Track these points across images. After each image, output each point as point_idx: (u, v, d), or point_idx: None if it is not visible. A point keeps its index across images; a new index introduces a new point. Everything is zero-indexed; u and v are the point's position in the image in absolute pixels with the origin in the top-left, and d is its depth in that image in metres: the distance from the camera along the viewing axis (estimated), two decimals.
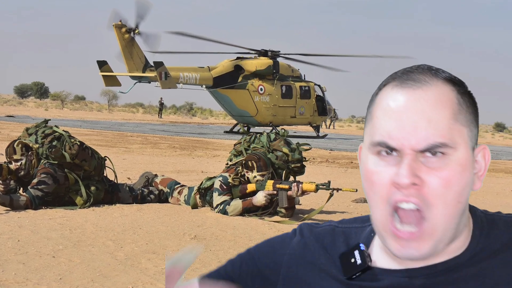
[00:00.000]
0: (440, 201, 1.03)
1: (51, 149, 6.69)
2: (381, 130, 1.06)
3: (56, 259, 4.49)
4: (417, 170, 1.03)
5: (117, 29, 26.16)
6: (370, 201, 1.09)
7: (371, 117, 1.10)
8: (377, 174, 1.06)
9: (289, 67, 29.40)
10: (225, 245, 5.26)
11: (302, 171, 7.16)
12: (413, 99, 1.05)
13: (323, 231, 1.26)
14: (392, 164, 1.06)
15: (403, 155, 1.04)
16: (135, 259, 4.64)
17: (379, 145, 1.06)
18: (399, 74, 1.11)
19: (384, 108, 1.07)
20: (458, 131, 1.05)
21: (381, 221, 1.08)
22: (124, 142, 17.87)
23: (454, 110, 1.05)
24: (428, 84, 1.06)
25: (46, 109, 54.32)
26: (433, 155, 1.04)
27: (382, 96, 1.09)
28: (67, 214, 6.29)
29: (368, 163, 1.09)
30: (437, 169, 1.03)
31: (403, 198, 1.04)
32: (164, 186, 7.48)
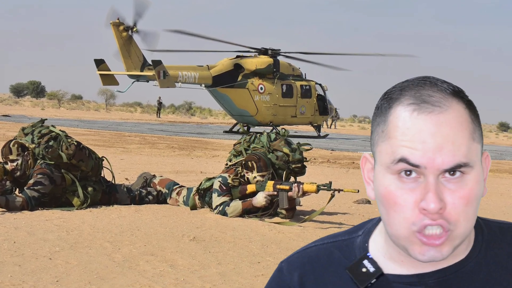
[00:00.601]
0: (461, 218, 1.10)
1: (48, 149, 6.69)
2: (403, 149, 1.10)
3: (53, 261, 4.49)
4: (440, 193, 1.09)
5: (115, 27, 26.16)
6: (390, 219, 1.13)
7: (388, 137, 1.12)
8: (401, 197, 1.10)
9: (289, 65, 29.40)
10: (224, 246, 5.26)
11: (303, 172, 7.16)
12: (436, 123, 1.09)
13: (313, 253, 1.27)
14: (413, 186, 1.10)
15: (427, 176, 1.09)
16: (133, 261, 4.64)
17: (401, 162, 1.10)
18: (408, 90, 1.13)
19: (403, 131, 1.10)
20: (474, 150, 1.12)
21: (404, 236, 1.12)
22: (122, 142, 17.87)
23: (470, 130, 1.11)
24: (445, 107, 1.10)
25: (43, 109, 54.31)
26: (453, 175, 1.10)
27: (397, 117, 1.12)
28: (64, 215, 6.29)
29: (389, 184, 1.12)
30: (457, 189, 1.09)
31: (430, 222, 1.09)
32: (162, 187, 7.48)
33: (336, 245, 1.26)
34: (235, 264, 4.75)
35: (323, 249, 1.27)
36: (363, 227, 1.28)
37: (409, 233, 1.11)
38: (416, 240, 1.10)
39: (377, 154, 1.15)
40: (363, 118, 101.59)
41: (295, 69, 29.68)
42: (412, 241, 1.11)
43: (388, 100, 1.14)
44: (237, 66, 27.86)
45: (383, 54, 33.81)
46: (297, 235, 5.88)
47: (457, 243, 1.12)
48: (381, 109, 1.15)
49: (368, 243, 1.23)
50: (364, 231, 1.26)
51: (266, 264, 4.80)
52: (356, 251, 1.23)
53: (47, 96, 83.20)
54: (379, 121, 1.15)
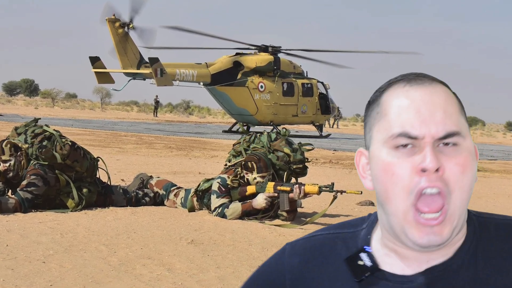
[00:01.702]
0: (458, 186, 1.16)
1: (41, 149, 6.69)
2: (401, 122, 1.17)
3: (47, 265, 4.49)
4: (438, 157, 1.15)
5: (111, 23, 26.16)
6: (388, 193, 1.18)
7: (383, 115, 1.20)
8: (398, 165, 1.16)
9: (290, 63, 29.41)
10: (223, 250, 5.26)
11: (305, 173, 7.16)
12: (427, 93, 1.19)
13: (317, 242, 1.32)
14: (410, 155, 1.16)
15: (423, 144, 1.16)
16: (129, 264, 4.64)
17: (400, 136, 1.17)
18: (400, 78, 1.23)
19: (398, 104, 1.19)
20: (463, 124, 1.20)
21: (402, 210, 1.16)
22: (117, 142, 17.87)
23: (458, 106, 1.21)
24: (434, 83, 1.21)
25: (36, 108, 54.33)
26: (447, 146, 1.17)
27: (392, 95, 1.21)
28: (58, 217, 6.29)
29: (385, 156, 1.18)
30: (453, 156, 1.16)
31: (428, 184, 1.15)
32: (159, 188, 7.48)
33: (341, 236, 1.31)
34: (234, 267, 4.75)
35: (327, 239, 1.32)
36: (367, 219, 1.32)
37: (407, 207, 1.15)
38: (413, 221, 1.15)
39: (373, 137, 1.22)
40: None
41: (296, 67, 29.69)
42: (410, 222, 1.15)
43: (378, 90, 1.24)
44: (237, 64, 27.87)
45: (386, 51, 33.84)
46: None
47: (455, 224, 1.16)
48: (373, 99, 1.25)
49: (371, 234, 1.28)
50: (368, 223, 1.31)
51: None
52: (359, 243, 1.28)
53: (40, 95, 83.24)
54: (373, 107, 1.24)
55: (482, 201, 9.14)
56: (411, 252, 1.20)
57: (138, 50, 26.61)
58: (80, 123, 29.09)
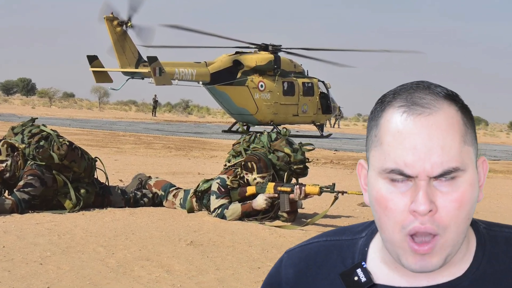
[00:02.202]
0: (453, 222, 1.13)
1: (38, 150, 6.69)
2: (395, 158, 1.14)
3: (44, 267, 4.49)
4: (431, 196, 1.12)
5: (109, 22, 26.16)
6: (382, 224, 1.17)
7: (379, 143, 1.17)
8: (392, 201, 1.15)
9: (291, 62, 29.41)
10: (223, 251, 5.26)
11: (305, 173, 7.16)
12: (425, 125, 1.13)
13: (312, 251, 1.33)
14: (404, 190, 1.14)
15: (418, 181, 1.13)
16: (127, 266, 4.64)
17: (393, 172, 1.14)
18: (401, 94, 1.18)
19: (393, 134, 1.15)
20: (466, 153, 1.15)
21: (396, 241, 1.16)
22: (116, 142, 17.88)
23: (461, 132, 1.15)
24: (436, 108, 1.14)
25: (33, 107, 54.32)
26: (445, 179, 1.13)
27: (389, 120, 1.16)
28: (55, 218, 6.29)
29: (380, 188, 1.17)
30: (449, 192, 1.13)
31: (419, 227, 1.13)
32: (158, 189, 7.48)
33: (338, 244, 1.31)
34: (234, 269, 4.75)
35: (323, 248, 1.32)
36: (368, 228, 1.31)
37: (401, 238, 1.15)
38: (407, 248, 1.14)
39: (370, 159, 1.20)
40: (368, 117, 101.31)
41: (297, 66, 29.69)
42: (405, 248, 1.15)
43: (381, 104, 1.19)
44: (236, 63, 27.87)
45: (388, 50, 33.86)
46: (299, 240, 5.88)
47: (449, 252, 1.15)
48: (374, 113, 1.20)
49: (369, 246, 1.28)
50: (367, 232, 1.30)
51: (266, 269, 4.80)
52: (355, 254, 1.28)
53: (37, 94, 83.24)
54: (372, 125, 1.20)
55: (485, 202, 9.14)
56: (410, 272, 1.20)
57: (136, 49, 26.60)
58: (78, 123, 29.10)
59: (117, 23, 26.23)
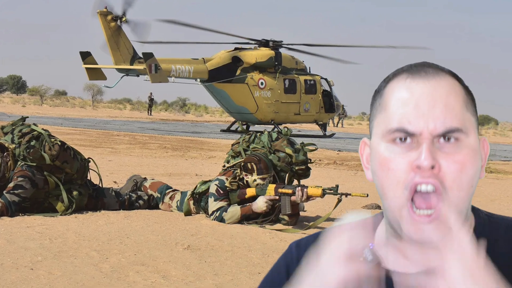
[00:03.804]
0: (455, 184, 1.18)
1: (29, 150, 6.69)
2: (399, 117, 1.20)
3: (35, 272, 4.49)
4: (434, 154, 1.17)
5: (102, 16, 26.17)
6: (384, 189, 1.22)
7: (383, 108, 1.24)
8: (394, 161, 1.20)
9: (292, 58, 29.42)
10: (222, 256, 5.26)
11: (307, 174, 7.17)
12: (429, 86, 1.20)
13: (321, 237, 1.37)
14: (407, 150, 1.19)
15: (421, 140, 1.18)
16: (122, 271, 4.64)
17: (397, 131, 1.20)
18: (405, 69, 1.26)
19: (398, 97, 1.21)
20: (468, 119, 1.21)
21: (397, 206, 1.20)
22: (110, 142, 17.88)
23: (463, 98, 1.22)
24: (439, 75, 1.22)
25: (24, 105, 54.34)
26: (447, 141, 1.19)
27: (394, 87, 1.24)
28: (46, 221, 6.29)
29: (383, 150, 1.22)
30: (452, 153, 1.18)
31: (422, 180, 1.17)
32: (154, 191, 7.49)
33: None
34: (233, 275, 4.75)
35: None
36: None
37: (403, 202, 1.19)
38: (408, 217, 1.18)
39: (373, 128, 1.26)
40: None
41: (299, 63, 29.70)
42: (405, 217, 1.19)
43: (385, 80, 1.27)
44: (236, 59, 27.87)
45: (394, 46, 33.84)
46: None
47: None
48: (378, 89, 1.28)
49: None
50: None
51: None
52: None
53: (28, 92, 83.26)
54: (376, 97, 1.27)
55: (495, 204, 9.14)
56: (412, 251, 1.23)
57: (131, 44, 26.61)
58: (70, 122, 29.10)
59: (111, 18, 26.24)
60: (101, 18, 26.17)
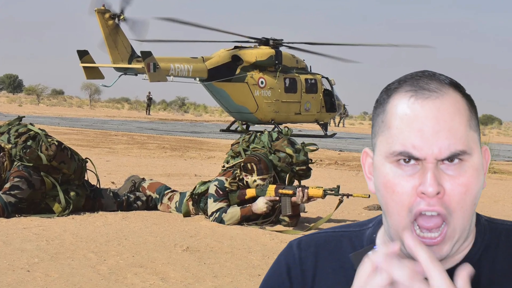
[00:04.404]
0: (459, 206, 1.20)
1: (26, 150, 6.69)
2: (403, 141, 1.20)
3: (31, 274, 4.49)
4: (439, 179, 1.19)
5: (100, 14, 26.17)
6: (388, 208, 1.24)
7: (387, 127, 1.24)
8: (399, 185, 1.21)
9: (293, 57, 29.42)
10: (221, 257, 5.26)
11: (308, 175, 7.17)
12: (432, 108, 1.20)
13: (321, 238, 1.41)
14: (411, 173, 1.21)
15: (425, 164, 1.19)
16: (120, 273, 4.64)
17: (401, 155, 1.21)
18: (406, 81, 1.25)
19: (401, 118, 1.21)
20: (472, 137, 1.22)
21: (401, 226, 1.22)
22: (107, 142, 17.88)
23: (467, 117, 1.22)
24: (442, 93, 1.22)
25: (20, 105, 54.34)
26: (451, 162, 1.20)
27: (396, 104, 1.23)
28: (43, 223, 6.29)
29: (387, 172, 1.23)
30: (456, 176, 1.20)
31: (427, 208, 1.19)
32: (152, 192, 7.49)
33: (346, 235, 1.40)
34: (232, 277, 4.75)
35: (332, 237, 1.40)
36: (374, 219, 1.40)
37: (407, 224, 1.21)
38: None
39: (377, 145, 1.27)
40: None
41: (299, 61, 29.69)
42: None
43: (386, 92, 1.27)
44: (235, 58, 27.87)
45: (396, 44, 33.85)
46: None
47: (456, 238, 1.22)
48: (380, 101, 1.27)
49: (377, 234, 1.36)
50: (374, 223, 1.39)
51: None
52: (364, 242, 1.37)
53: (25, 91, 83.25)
54: (379, 112, 1.27)
55: (498, 206, 9.14)
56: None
57: (129, 43, 26.60)
58: (67, 122, 29.10)
59: (109, 16, 26.24)
60: (98, 16, 26.16)
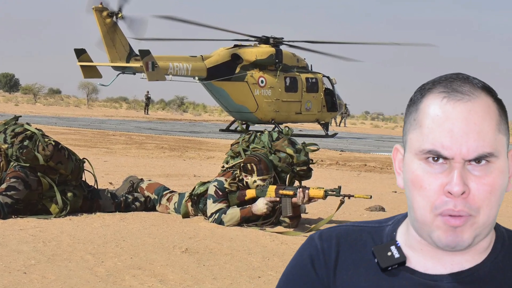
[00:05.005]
0: (485, 204, 1.27)
1: (22, 150, 6.69)
2: (433, 140, 1.28)
3: (28, 276, 4.49)
4: (465, 179, 1.27)
5: (98, 12, 26.17)
6: (414, 203, 1.31)
7: (419, 125, 1.31)
8: (427, 180, 1.29)
9: (293, 56, 29.42)
10: (220, 259, 5.26)
11: (309, 175, 7.16)
12: (464, 111, 1.27)
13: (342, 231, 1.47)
14: (439, 171, 1.28)
15: (453, 163, 1.27)
16: (117, 275, 4.64)
17: (430, 153, 1.29)
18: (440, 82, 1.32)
19: (433, 118, 1.29)
20: (500, 141, 1.30)
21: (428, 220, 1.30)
22: (105, 142, 17.89)
23: (497, 121, 1.30)
24: (474, 96, 1.29)
25: (16, 104, 54.35)
26: (478, 163, 1.27)
27: (429, 104, 1.31)
28: (40, 224, 6.29)
29: (416, 168, 1.31)
30: (482, 176, 1.27)
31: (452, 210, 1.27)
32: (151, 192, 7.48)
33: (367, 229, 1.46)
34: (232, 279, 4.75)
35: (353, 229, 1.46)
36: (393, 218, 1.46)
37: (432, 217, 1.28)
38: (439, 223, 1.28)
39: (407, 142, 1.34)
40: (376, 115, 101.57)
41: (300, 60, 29.69)
42: (436, 225, 1.29)
43: (421, 91, 1.34)
44: (235, 57, 27.87)
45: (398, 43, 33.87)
46: None
47: (478, 232, 1.28)
48: (414, 100, 1.35)
49: (396, 232, 1.42)
50: (394, 221, 1.45)
51: (267, 278, 4.80)
52: (384, 238, 1.43)
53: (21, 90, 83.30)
54: (412, 110, 1.34)
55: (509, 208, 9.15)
56: (436, 254, 1.34)
57: (127, 41, 26.60)
58: (65, 121, 29.10)
59: (106, 14, 26.24)
60: (96, 14, 26.17)
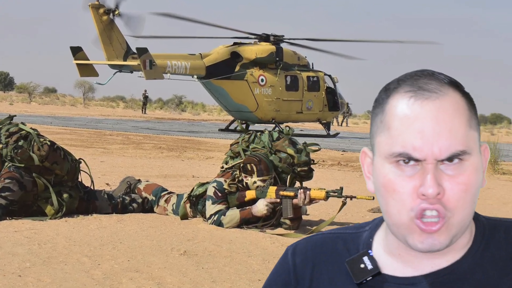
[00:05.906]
0: (459, 204, 1.26)
1: (17, 150, 6.69)
2: (402, 142, 1.26)
3: (23, 279, 4.49)
4: (439, 179, 1.25)
5: (94, 9, 26.17)
6: (389, 207, 1.29)
7: (386, 128, 1.28)
8: (400, 184, 1.27)
9: (294, 54, 29.42)
10: (220, 262, 5.26)
11: (310, 176, 7.17)
12: (432, 109, 1.25)
13: (318, 241, 1.46)
14: (411, 173, 1.26)
15: (425, 165, 1.25)
16: (114, 278, 4.64)
17: (401, 156, 1.26)
18: (406, 81, 1.30)
19: (401, 118, 1.26)
20: (472, 137, 1.28)
21: (403, 223, 1.28)
22: (102, 142, 17.89)
23: (467, 117, 1.28)
24: (442, 93, 1.27)
25: (11, 103, 54.39)
26: (451, 162, 1.25)
27: (396, 105, 1.28)
28: (35, 226, 6.29)
29: (387, 173, 1.28)
30: (456, 175, 1.26)
31: (428, 206, 1.25)
32: (148, 193, 7.49)
33: (342, 237, 1.44)
34: (232, 282, 4.76)
35: (328, 239, 1.45)
36: (371, 222, 1.45)
37: (408, 220, 1.26)
38: (415, 227, 1.26)
39: (376, 146, 1.31)
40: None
41: (301, 58, 29.69)
42: (412, 229, 1.26)
43: (385, 91, 1.31)
44: (235, 55, 27.86)
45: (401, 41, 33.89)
46: None
47: (454, 233, 1.27)
48: (379, 101, 1.32)
49: (373, 238, 1.40)
50: (371, 226, 1.43)
51: None
52: (360, 246, 1.41)
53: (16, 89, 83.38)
54: (377, 112, 1.32)
55: (508, 208, 9.15)
56: (414, 257, 1.32)
57: (124, 39, 26.60)
58: (60, 121, 29.11)
59: (103, 11, 26.23)
60: (92, 11, 26.16)
